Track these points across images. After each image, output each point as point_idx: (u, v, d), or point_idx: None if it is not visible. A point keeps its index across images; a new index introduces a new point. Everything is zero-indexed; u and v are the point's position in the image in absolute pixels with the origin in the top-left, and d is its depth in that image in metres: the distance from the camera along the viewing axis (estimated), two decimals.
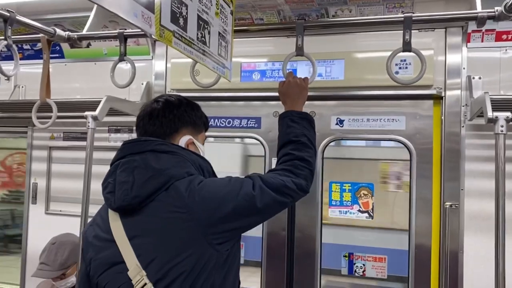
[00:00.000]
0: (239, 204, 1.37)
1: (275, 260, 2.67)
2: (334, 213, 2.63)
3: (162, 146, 1.44)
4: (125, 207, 1.37)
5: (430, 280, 2.44)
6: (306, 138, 1.67)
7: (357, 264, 2.60)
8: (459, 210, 2.36)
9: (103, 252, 1.40)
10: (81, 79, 3.16)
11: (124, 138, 3.01)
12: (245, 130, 2.79)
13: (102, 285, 1.39)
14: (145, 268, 1.31)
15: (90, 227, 1.51)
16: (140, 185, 1.35)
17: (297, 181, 1.51)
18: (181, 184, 1.37)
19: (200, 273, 1.32)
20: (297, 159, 1.59)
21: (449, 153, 2.41)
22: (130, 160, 1.41)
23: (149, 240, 1.34)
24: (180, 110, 1.54)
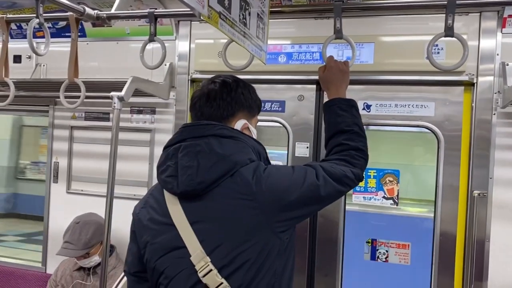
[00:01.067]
0: (304, 194, 1.38)
1: (297, 245, 2.65)
2: (358, 199, 2.61)
3: (224, 131, 1.43)
4: (189, 192, 1.35)
5: (454, 269, 2.43)
6: (358, 127, 1.65)
7: (380, 250, 2.58)
8: (487, 198, 2.33)
9: (161, 236, 1.39)
10: (103, 59, 3.13)
11: (146, 119, 2.99)
12: (268, 113, 2.76)
13: (160, 270, 1.39)
14: (209, 254, 1.30)
15: (143, 209, 1.48)
16: (205, 171, 1.34)
17: (355, 171, 1.52)
18: (246, 171, 1.36)
19: (264, 261, 1.32)
20: (352, 149, 1.58)
21: (479, 140, 2.36)
22: (193, 144, 1.39)
23: (213, 226, 1.33)
24: (238, 93, 1.52)
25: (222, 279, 1.29)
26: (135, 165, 2.98)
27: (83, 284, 2.77)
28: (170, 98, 2.89)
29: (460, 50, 1.93)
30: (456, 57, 1.97)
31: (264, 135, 3.05)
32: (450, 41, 1.95)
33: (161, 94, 2.79)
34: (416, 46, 2.40)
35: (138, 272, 1.49)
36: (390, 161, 2.86)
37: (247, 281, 1.29)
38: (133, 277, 1.52)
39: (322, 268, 2.64)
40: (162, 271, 1.38)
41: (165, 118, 2.96)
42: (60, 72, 2.67)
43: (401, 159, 3.26)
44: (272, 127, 2.86)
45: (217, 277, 1.28)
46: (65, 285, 2.79)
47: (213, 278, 1.28)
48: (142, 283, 1.50)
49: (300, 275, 2.64)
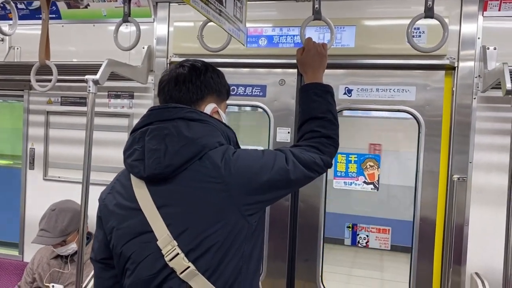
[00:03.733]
0: (273, 177, 1.37)
1: (278, 230, 2.66)
2: (339, 184, 2.59)
3: (192, 114, 1.40)
4: (156, 175, 1.33)
5: (433, 252, 2.44)
6: (331, 114, 1.64)
7: (361, 235, 2.58)
8: (467, 183, 2.33)
9: (128, 221, 1.37)
10: (79, 42, 3.04)
11: (125, 104, 2.92)
12: (249, 98, 2.72)
13: (127, 255, 1.37)
14: (176, 238, 1.29)
15: (109, 195, 1.46)
16: (173, 154, 1.32)
17: (324, 158, 1.52)
18: (215, 154, 1.34)
19: (231, 244, 1.31)
20: (323, 137, 1.57)
21: (459, 125, 2.36)
22: (160, 127, 1.36)
23: (180, 210, 1.32)
24: (207, 76, 1.50)
25: (189, 262, 1.28)
26: (113, 151, 2.91)
27: (60, 272, 2.72)
28: (148, 82, 2.82)
29: (442, 34, 1.91)
30: (438, 40, 1.95)
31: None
32: (431, 25, 1.93)
33: (139, 78, 2.72)
34: (398, 30, 2.38)
35: (105, 259, 1.47)
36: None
37: (214, 264, 1.29)
38: (99, 264, 1.49)
39: (302, 253, 2.63)
40: (129, 256, 1.36)
41: (143, 102, 2.90)
42: (35, 56, 2.58)
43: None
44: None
45: (184, 260, 1.27)
46: (42, 273, 2.74)
47: (180, 262, 1.27)
48: (108, 270, 1.47)
49: (281, 260, 2.64)
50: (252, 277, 1.39)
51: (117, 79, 2.77)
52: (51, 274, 2.72)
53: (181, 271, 1.27)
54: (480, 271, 2.34)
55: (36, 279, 2.75)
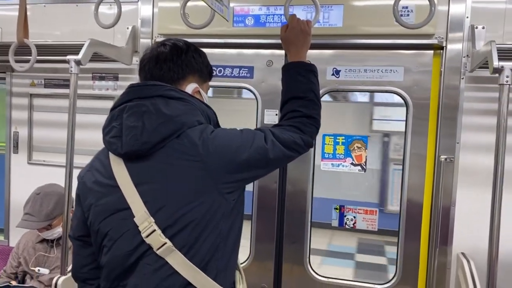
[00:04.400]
0: (252, 156, 1.36)
1: (266, 213, 2.65)
2: (327, 166, 2.58)
3: (171, 92, 1.39)
4: (133, 152, 1.33)
5: (420, 233, 2.45)
6: (313, 94, 1.61)
7: (348, 216, 2.58)
8: (454, 163, 2.33)
9: (105, 198, 1.37)
10: (62, 23, 2.96)
11: (109, 86, 2.87)
12: (236, 80, 2.68)
13: (104, 232, 1.37)
14: (153, 215, 1.29)
15: (88, 172, 1.45)
16: (151, 131, 1.31)
17: (304, 138, 1.51)
18: (193, 133, 1.34)
19: (209, 222, 1.31)
20: (305, 117, 1.55)
21: (447, 105, 2.35)
22: (139, 104, 1.35)
23: (158, 187, 1.32)
24: (188, 56, 1.49)
25: (166, 239, 1.28)
26: (97, 134, 2.85)
27: (46, 257, 2.69)
28: (133, 64, 2.77)
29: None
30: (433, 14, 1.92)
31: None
32: (419, 4, 1.89)
33: (123, 59, 2.66)
34: (386, 9, 2.31)
35: (83, 236, 1.48)
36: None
37: (191, 241, 1.30)
38: (77, 242, 1.51)
39: (290, 236, 2.62)
40: (106, 233, 1.37)
41: (128, 84, 2.83)
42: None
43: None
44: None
45: (160, 237, 1.28)
46: (28, 257, 2.71)
47: (157, 238, 1.28)
48: (86, 247, 1.49)
49: (269, 243, 2.64)
50: (229, 255, 1.40)
51: (101, 60, 2.72)
52: (36, 258, 2.69)
53: (158, 247, 1.28)
54: (466, 251, 2.35)
55: (22, 263, 2.71)
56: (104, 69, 2.86)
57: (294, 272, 2.62)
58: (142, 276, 1.32)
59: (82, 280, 1.55)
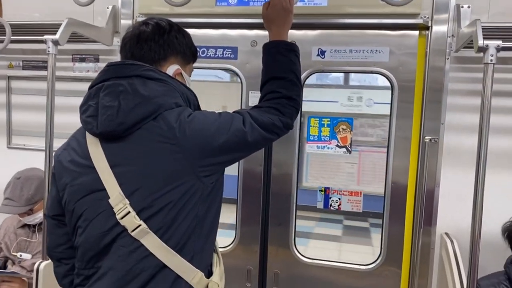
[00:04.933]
0: (230, 139, 1.35)
1: (251, 196, 2.63)
2: (312, 148, 2.56)
3: (150, 72, 1.36)
4: (109, 133, 1.30)
5: (404, 215, 2.45)
6: (294, 75, 1.59)
7: (333, 198, 2.58)
8: (438, 144, 2.33)
9: (81, 178, 1.36)
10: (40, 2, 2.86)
11: (90, 68, 2.80)
12: (220, 61, 2.62)
13: (79, 212, 1.36)
14: (128, 197, 1.28)
15: (64, 151, 1.44)
16: (127, 112, 1.29)
17: (283, 120, 1.49)
18: (170, 115, 1.32)
19: (185, 205, 1.31)
20: (284, 98, 1.53)
21: (432, 86, 2.33)
22: (116, 84, 1.32)
23: (134, 169, 1.30)
24: (171, 36, 1.46)
25: (140, 221, 1.28)
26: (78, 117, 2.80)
27: (28, 242, 2.65)
28: (113, 44, 2.69)
29: None
30: None
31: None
32: None
33: (104, 39, 2.59)
34: None
35: (57, 215, 1.48)
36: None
37: (167, 224, 1.29)
38: (52, 220, 1.51)
39: (276, 218, 2.61)
40: (81, 213, 1.36)
41: None
42: None
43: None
44: None
45: (135, 219, 1.28)
46: (9, 243, 2.66)
47: (131, 220, 1.28)
48: (61, 227, 1.49)
49: (254, 225, 2.62)
50: (205, 237, 1.39)
51: (81, 41, 2.65)
52: (18, 244, 2.65)
53: (132, 229, 1.27)
54: (450, 231, 2.37)
55: (3, 249, 2.67)
56: (84, 50, 2.79)
57: (279, 254, 2.62)
58: (117, 258, 1.31)
59: (57, 259, 1.55)
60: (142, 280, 1.30)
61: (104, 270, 1.33)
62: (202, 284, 1.37)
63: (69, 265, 1.51)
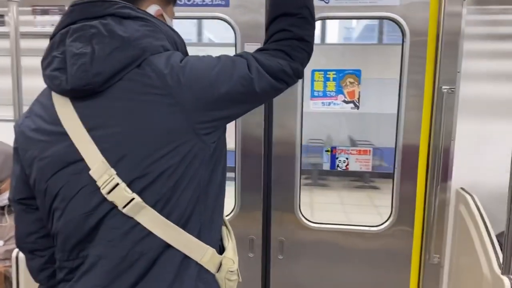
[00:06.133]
0: (234, 88, 1.10)
1: (250, 160, 2.40)
2: (317, 105, 2.35)
3: (127, 10, 1.09)
4: (82, 87, 1.03)
5: (416, 171, 2.32)
6: (308, 11, 1.30)
7: (340, 158, 2.40)
8: (455, 94, 2.17)
9: (51, 148, 1.09)
10: None
11: (54, 22, 2.40)
12: (208, 9, 2.31)
13: (54, 191, 1.09)
14: (115, 166, 1.03)
15: (27, 119, 1.16)
16: (103, 58, 1.03)
17: (294, 66, 1.22)
18: (158, 60, 1.06)
19: (186, 170, 1.07)
20: (295, 39, 1.25)
21: (447, 31, 2.15)
22: (85, 26, 1.06)
23: (118, 130, 1.05)
24: None
25: (133, 194, 1.03)
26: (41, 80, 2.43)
27: None
28: None
29: None
30: None
31: None
32: None
33: None
34: None
35: (25, 199, 1.19)
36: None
37: (166, 194, 1.06)
38: (19, 206, 1.22)
39: (278, 183, 2.42)
40: (56, 192, 1.09)
41: None
42: None
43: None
44: None
45: (125, 192, 1.03)
46: None
47: (121, 194, 1.03)
48: (30, 212, 1.20)
49: (256, 191, 2.42)
50: (212, 207, 1.16)
51: None
52: None
53: (124, 205, 1.03)
54: (466, 186, 2.26)
55: None
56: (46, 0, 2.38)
57: (284, 220, 2.45)
58: (107, 243, 1.06)
59: (29, 251, 1.27)
60: (142, 266, 1.06)
61: (93, 260, 1.08)
62: (215, 262, 1.16)
63: (45, 257, 1.25)
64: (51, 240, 1.18)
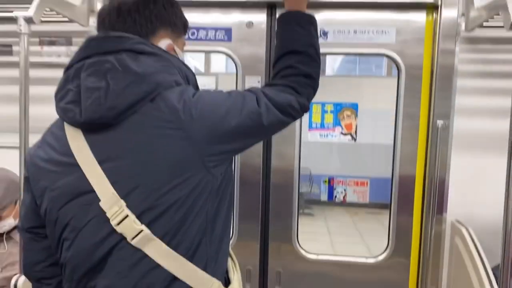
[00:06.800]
0: (243, 122, 1.15)
1: (249, 189, 2.43)
2: (314, 136, 2.40)
3: (141, 46, 1.15)
4: (96, 120, 1.08)
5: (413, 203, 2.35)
6: (314, 49, 1.40)
7: (338, 189, 2.43)
8: (449, 128, 2.23)
9: (62, 179, 1.12)
10: None
11: (61, 52, 2.47)
12: (212, 43, 2.39)
13: (64, 221, 1.12)
14: (124, 197, 1.06)
15: (39, 149, 1.20)
16: (118, 93, 1.07)
17: (300, 101, 1.30)
18: (170, 95, 1.10)
19: (194, 202, 1.10)
20: (302, 75, 1.34)
21: (442, 68, 2.22)
22: (100, 61, 1.10)
23: (128, 163, 1.08)
24: (158, 6, 1.24)
25: (142, 225, 1.06)
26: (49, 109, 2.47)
27: None
28: (90, 25, 2.38)
29: None
30: None
31: None
32: None
33: (79, 18, 2.27)
34: None
35: (34, 227, 1.24)
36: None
37: (175, 226, 1.09)
38: (28, 234, 1.26)
39: (276, 212, 2.43)
40: (67, 222, 1.12)
41: None
42: None
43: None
44: None
45: (135, 223, 1.06)
46: None
47: (130, 226, 1.06)
48: (39, 241, 1.25)
49: (254, 221, 2.43)
50: (219, 239, 1.20)
51: (49, 20, 2.33)
52: None
53: (133, 237, 1.06)
54: (461, 219, 2.30)
55: None
56: (53, 32, 2.45)
57: (281, 251, 2.45)
58: (116, 274, 1.09)
59: (36, 280, 1.30)
60: None
61: None
62: None
63: (52, 286, 1.28)
64: (58, 269, 1.20)
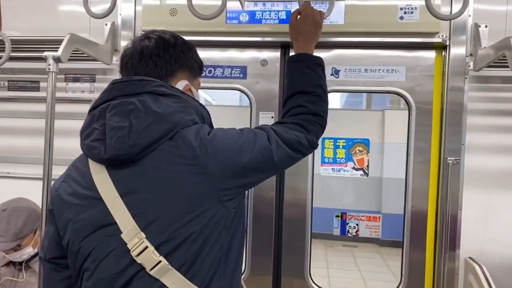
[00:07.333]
0: (255, 158, 1.22)
1: (262, 223, 2.46)
2: (327, 171, 2.44)
3: (162, 88, 1.24)
4: (119, 157, 1.15)
5: (426, 240, 2.35)
6: (321, 90, 1.51)
7: (350, 224, 2.45)
8: (460, 165, 2.26)
9: (86, 212, 1.19)
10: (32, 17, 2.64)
11: (85, 88, 2.59)
12: (228, 80, 2.49)
13: (86, 252, 1.18)
14: (144, 230, 1.12)
15: (64, 183, 1.27)
16: (140, 132, 1.15)
17: (309, 138, 1.40)
18: (188, 133, 1.18)
19: (209, 235, 1.16)
20: (310, 114, 1.44)
21: (451, 106, 2.28)
22: (124, 102, 1.19)
23: (148, 197, 1.15)
24: (177, 50, 1.34)
25: (160, 257, 1.12)
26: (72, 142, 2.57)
27: (14, 281, 2.36)
28: (113, 63, 2.51)
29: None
30: (429, 17, 1.82)
31: None
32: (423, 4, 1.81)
33: (103, 57, 2.41)
34: (389, 5, 2.26)
35: (56, 258, 1.29)
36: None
37: (190, 258, 1.15)
38: (49, 264, 1.31)
39: (289, 247, 2.45)
40: (88, 253, 1.18)
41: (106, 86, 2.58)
42: None
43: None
44: None
45: (154, 255, 1.12)
46: None
47: (150, 257, 1.12)
48: (60, 271, 1.30)
49: (266, 256, 2.45)
50: (232, 271, 1.25)
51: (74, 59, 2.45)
52: (2, 284, 2.36)
53: (152, 267, 1.11)
54: (474, 256, 2.28)
55: None
56: (78, 69, 2.58)
57: (294, 286, 2.45)
58: None
59: None
60: None
61: None
62: None
63: None
64: None
